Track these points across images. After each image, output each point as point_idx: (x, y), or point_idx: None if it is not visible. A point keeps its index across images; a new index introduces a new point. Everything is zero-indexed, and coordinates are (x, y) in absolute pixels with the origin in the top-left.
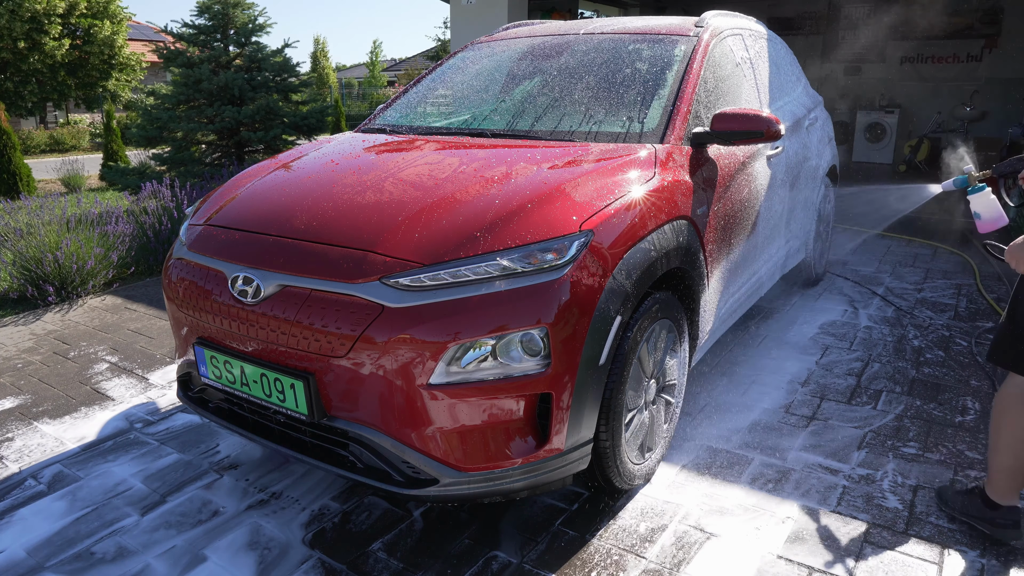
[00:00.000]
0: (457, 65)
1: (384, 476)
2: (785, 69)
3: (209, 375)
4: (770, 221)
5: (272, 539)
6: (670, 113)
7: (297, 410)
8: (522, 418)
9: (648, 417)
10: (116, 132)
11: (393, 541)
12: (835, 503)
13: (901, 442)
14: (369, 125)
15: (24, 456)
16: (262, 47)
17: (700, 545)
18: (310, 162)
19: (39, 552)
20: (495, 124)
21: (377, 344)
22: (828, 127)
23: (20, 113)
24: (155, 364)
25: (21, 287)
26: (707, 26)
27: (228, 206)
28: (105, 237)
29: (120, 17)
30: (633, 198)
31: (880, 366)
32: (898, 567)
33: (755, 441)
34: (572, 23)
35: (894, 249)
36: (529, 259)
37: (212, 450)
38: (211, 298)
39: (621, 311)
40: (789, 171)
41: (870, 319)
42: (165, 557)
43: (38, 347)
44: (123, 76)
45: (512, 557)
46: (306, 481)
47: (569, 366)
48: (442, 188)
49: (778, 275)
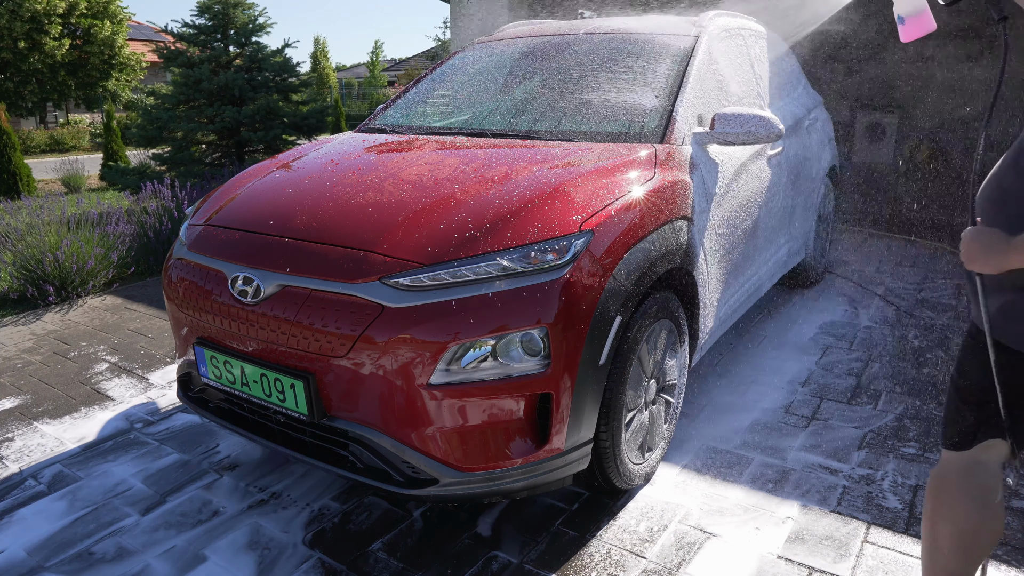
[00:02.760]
0: (457, 65)
1: (384, 476)
2: (785, 69)
3: (209, 375)
4: (770, 221)
5: (272, 539)
6: (670, 113)
7: (297, 410)
8: (522, 418)
9: (648, 417)
10: (116, 132)
11: (393, 541)
12: (835, 503)
13: (901, 442)
14: (369, 125)
15: (24, 456)
16: (262, 47)
17: (700, 545)
18: (310, 162)
19: (39, 552)
20: (495, 124)
21: (377, 344)
22: (828, 127)
23: (20, 113)
24: (155, 364)
25: (21, 287)
26: (707, 26)
27: (228, 206)
28: (105, 237)
29: (120, 17)
30: (633, 198)
31: (880, 366)
32: (898, 567)
33: (755, 441)
34: (572, 23)
35: (894, 249)
36: (529, 259)
37: (212, 450)
38: (211, 298)
39: (621, 311)
40: (789, 171)
41: (870, 319)
42: (165, 557)
43: (38, 347)
44: (123, 76)
45: (512, 557)
46: (306, 481)
47: (569, 366)
48: (442, 188)
49: (778, 275)
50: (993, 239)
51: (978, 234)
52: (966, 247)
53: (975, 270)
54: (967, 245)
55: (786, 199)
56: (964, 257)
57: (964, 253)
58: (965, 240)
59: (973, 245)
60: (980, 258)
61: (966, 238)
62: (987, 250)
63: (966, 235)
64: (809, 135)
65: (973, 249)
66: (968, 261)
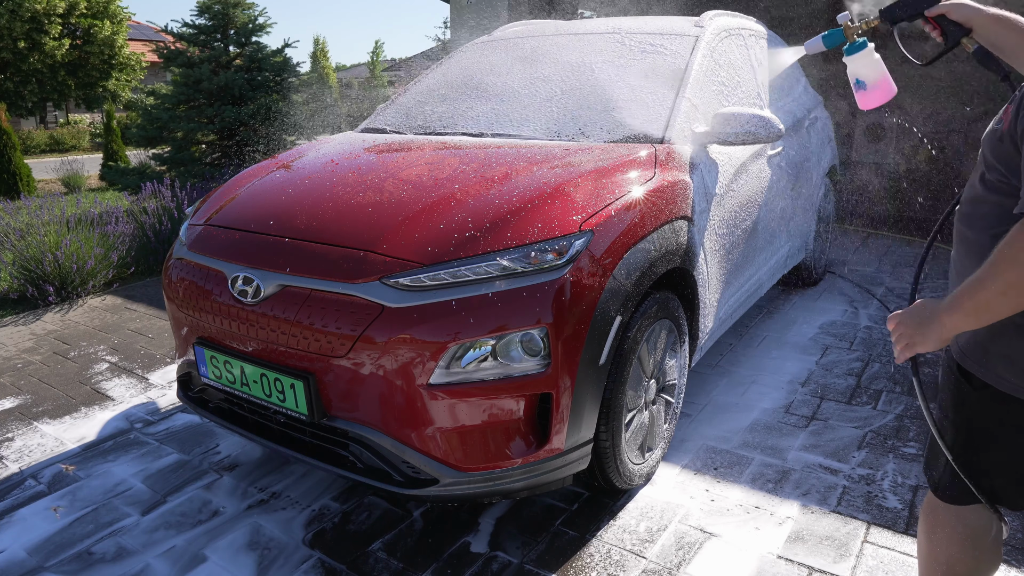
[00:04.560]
0: (457, 65)
1: (384, 476)
2: (785, 68)
3: (209, 375)
4: (770, 221)
5: (272, 539)
6: (670, 113)
7: (297, 410)
8: (522, 418)
9: (648, 417)
10: (116, 132)
11: (393, 541)
12: (835, 503)
13: (901, 442)
14: (369, 125)
15: (24, 456)
16: (262, 47)
17: (700, 545)
18: (310, 162)
19: (39, 552)
20: (495, 124)
21: (377, 344)
22: (828, 127)
23: (20, 113)
24: (155, 364)
25: (21, 287)
26: (707, 26)
27: (228, 206)
28: (105, 237)
29: (120, 17)
30: (633, 198)
31: (880, 366)
32: (898, 567)
33: (755, 441)
34: (572, 23)
35: (894, 249)
36: (529, 259)
37: (212, 450)
38: (211, 298)
39: (621, 311)
40: (789, 171)
41: (870, 319)
42: (165, 557)
43: (38, 347)
44: (123, 76)
45: (512, 557)
46: (306, 481)
47: (569, 366)
48: (442, 188)
49: (778, 275)
50: (923, 310)
51: (907, 315)
52: (899, 334)
53: (920, 351)
54: (899, 332)
55: (786, 199)
56: (900, 345)
57: (899, 340)
58: (896, 327)
59: (905, 328)
60: (918, 337)
61: (898, 324)
62: (921, 324)
63: (894, 320)
64: (809, 135)
65: (907, 331)
66: (906, 349)
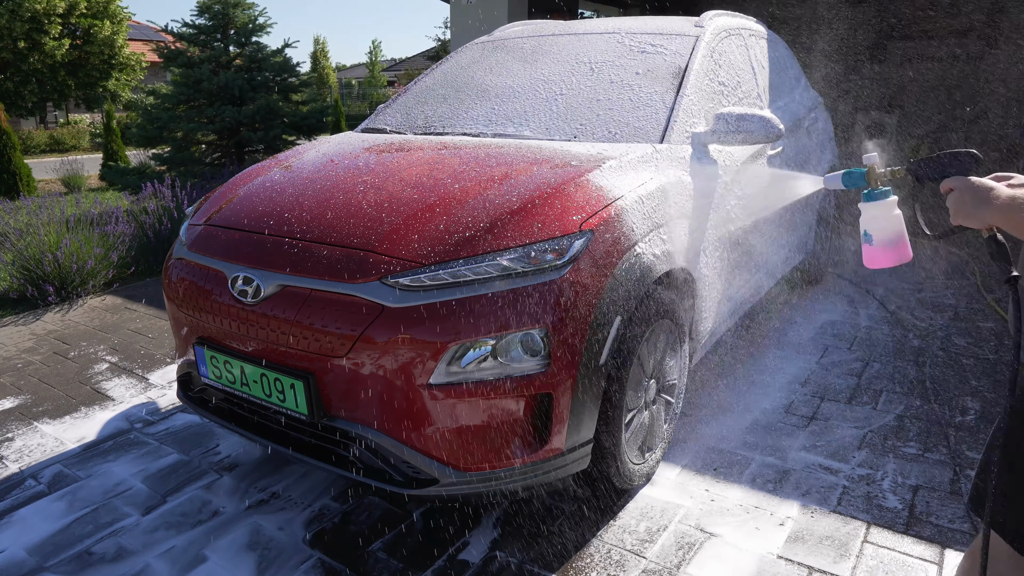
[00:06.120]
0: (457, 65)
1: (384, 476)
2: (785, 69)
3: (209, 375)
4: (770, 221)
5: (272, 539)
6: (670, 113)
7: (297, 410)
8: (522, 418)
9: (648, 417)
10: (116, 132)
11: (393, 541)
12: (835, 503)
13: (901, 442)
14: (369, 125)
15: (24, 456)
16: (262, 47)
17: (700, 545)
18: (310, 162)
19: (39, 552)
20: (495, 124)
21: (377, 344)
22: (828, 127)
23: (20, 113)
24: (155, 364)
25: (21, 287)
26: (707, 26)
27: (228, 206)
28: (105, 237)
29: (120, 17)
30: (633, 198)
31: (880, 366)
32: (898, 567)
33: (755, 441)
34: (572, 23)
35: None
36: (529, 259)
37: (212, 450)
38: (211, 298)
39: (621, 311)
40: (789, 171)
41: (870, 319)
42: (165, 557)
43: (38, 347)
44: (123, 76)
45: (512, 557)
46: (306, 481)
47: (569, 366)
48: (442, 188)
49: (778, 275)
50: (983, 188)
51: (968, 190)
52: (953, 200)
53: (960, 223)
54: (954, 198)
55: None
56: (952, 208)
57: (953, 204)
58: (953, 193)
59: (962, 203)
60: (969, 208)
61: (957, 191)
62: (978, 205)
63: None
64: (809, 135)
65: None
66: (955, 214)
